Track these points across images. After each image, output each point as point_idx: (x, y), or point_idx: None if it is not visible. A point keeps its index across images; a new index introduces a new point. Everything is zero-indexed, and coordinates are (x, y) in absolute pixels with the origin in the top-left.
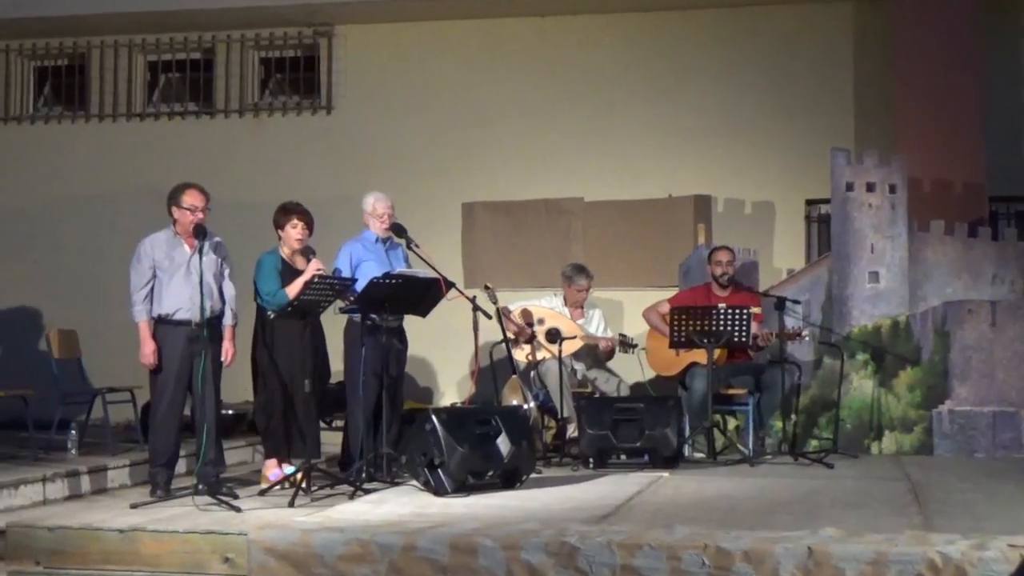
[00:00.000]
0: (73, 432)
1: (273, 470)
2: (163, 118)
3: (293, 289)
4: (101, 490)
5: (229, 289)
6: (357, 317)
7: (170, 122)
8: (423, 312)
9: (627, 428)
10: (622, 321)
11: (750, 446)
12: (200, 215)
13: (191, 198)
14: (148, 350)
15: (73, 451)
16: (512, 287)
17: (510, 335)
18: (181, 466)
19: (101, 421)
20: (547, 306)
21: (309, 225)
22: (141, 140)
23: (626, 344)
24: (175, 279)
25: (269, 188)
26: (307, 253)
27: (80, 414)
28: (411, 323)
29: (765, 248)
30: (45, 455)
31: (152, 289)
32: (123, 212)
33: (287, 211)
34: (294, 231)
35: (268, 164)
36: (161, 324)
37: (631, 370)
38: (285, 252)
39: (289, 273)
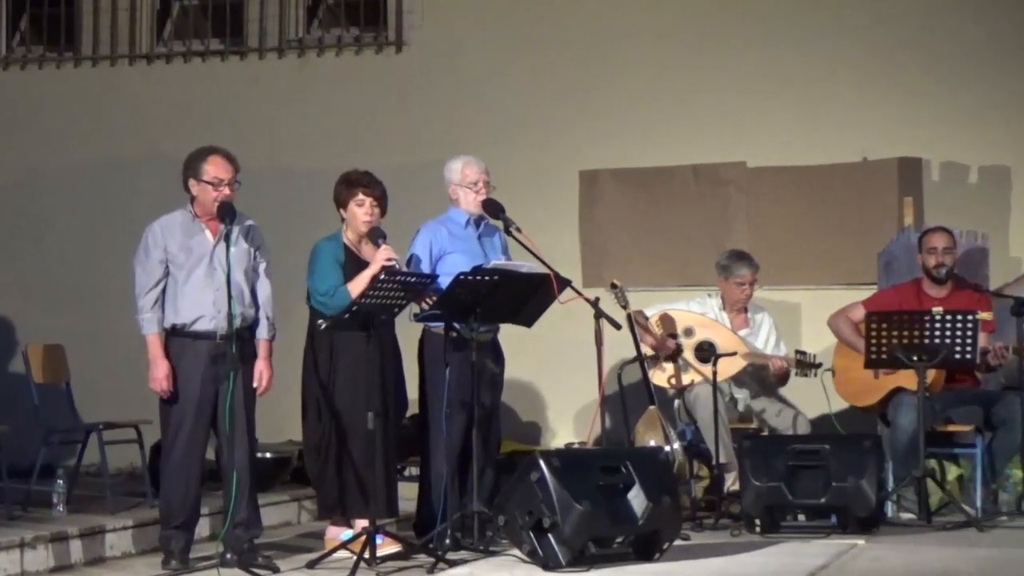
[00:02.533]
0: (60, 482)
1: (339, 532)
2: (177, 60)
3: (357, 286)
4: (97, 559)
5: (265, 289)
6: (438, 327)
7: (187, 65)
8: (527, 320)
9: (807, 478)
10: (799, 331)
11: (978, 504)
12: (227, 190)
13: (214, 168)
14: (159, 372)
15: (60, 507)
16: (648, 285)
17: (647, 351)
18: (203, 528)
19: (96, 467)
20: (697, 311)
21: (380, 201)
22: (148, 90)
23: (806, 364)
24: (194, 277)
25: (321, 153)
26: (376, 237)
27: (69, 457)
28: (510, 336)
29: (998, 230)
30: (23, 512)
31: (164, 291)
32: (124, 187)
33: (351, 183)
34: (360, 210)
35: (319, 120)
36: (176, 337)
37: (812, 399)
38: (349, 237)
39: (356, 265)
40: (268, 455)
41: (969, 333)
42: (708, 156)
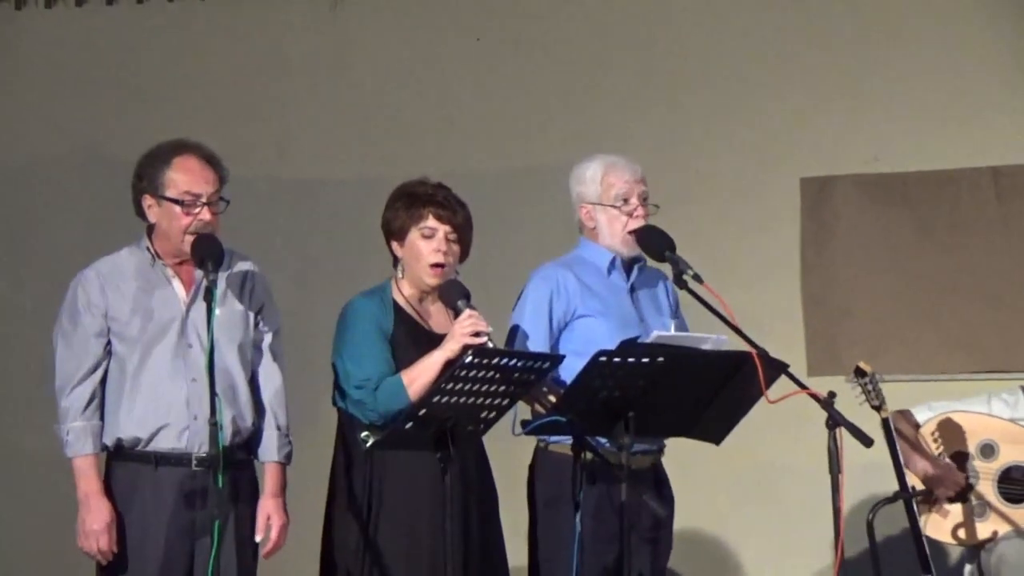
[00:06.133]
0: None
1: None
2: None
3: (420, 376)
4: None
5: (273, 379)
6: (562, 444)
7: (141, 6)
8: (715, 433)
9: None
10: None
11: None
12: (206, 214)
13: (186, 176)
14: (96, 522)
15: None
16: (918, 372)
17: (916, 482)
18: None
19: None
20: (1004, 416)
21: (460, 233)
22: (81, 48)
23: None
24: (155, 360)
25: (361, 154)
26: (456, 296)
27: None
28: (683, 458)
29: None
30: None
31: (104, 383)
32: (42, 208)
33: (414, 200)
34: (428, 245)
35: (360, 99)
36: (124, 462)
37: None
38: (405, 293)
39: (415, 339)
40: None
41: None
42: (1016, 154)
